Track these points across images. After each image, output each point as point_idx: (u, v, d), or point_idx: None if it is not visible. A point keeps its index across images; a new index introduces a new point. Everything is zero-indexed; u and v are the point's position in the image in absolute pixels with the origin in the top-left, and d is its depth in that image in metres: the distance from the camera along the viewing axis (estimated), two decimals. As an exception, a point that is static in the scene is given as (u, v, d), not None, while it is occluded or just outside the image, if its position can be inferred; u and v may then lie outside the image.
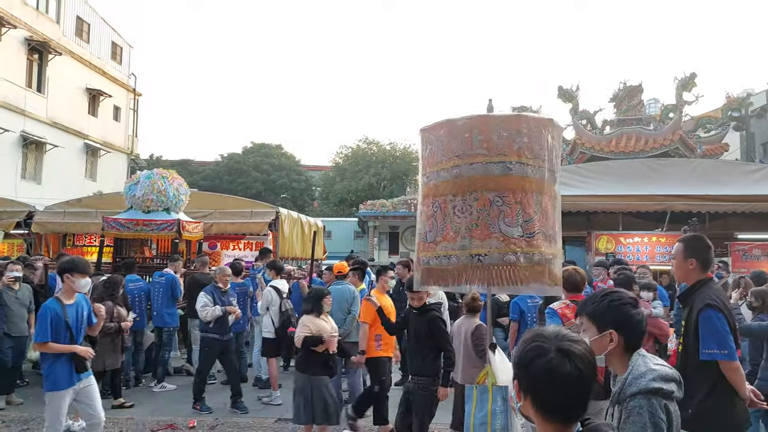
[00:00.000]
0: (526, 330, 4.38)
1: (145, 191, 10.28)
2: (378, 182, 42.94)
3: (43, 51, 24.62)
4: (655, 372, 2.28)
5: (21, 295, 8.25)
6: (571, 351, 1.68)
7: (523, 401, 1.72)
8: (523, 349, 1.73)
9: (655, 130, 18.78)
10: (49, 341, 4.96)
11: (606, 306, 2.43)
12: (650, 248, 12.05)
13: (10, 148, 22.75)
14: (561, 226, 3.48)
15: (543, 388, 1.67)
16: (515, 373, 1.74)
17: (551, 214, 3.37)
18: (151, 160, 44.76)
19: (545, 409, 1.68)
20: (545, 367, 1.66)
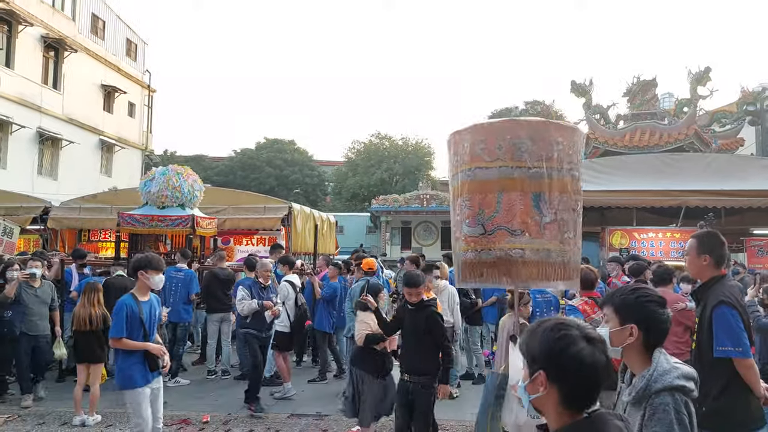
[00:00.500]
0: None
1: (160, 187, 10.35)
2: (390, 177, 42.92)
3: (58, 48, 24.84)
4: (678, 370, 2.28)
5: (41, 292, 7.97)
6: (596, 339, 1.72)
7: (544, 391, 1.71)
8: (551, 338, 1.71)
9: (670, 125, 18.62)
10: (124, 337, 4.93)
11: (633, 301, 2.41)
12: (664, 244, 11.97)
13: (27, 144, 23.00)
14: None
15: (574, 376, 1.67)
16: (541, 363, 1.72)
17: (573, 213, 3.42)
18: (165, 155, 44.99)
19: (572, 397, 1.69)
20: (578, 356, 1.67)
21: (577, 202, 3.48)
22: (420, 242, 33.67)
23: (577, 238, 3.47)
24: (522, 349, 1.81)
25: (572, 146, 3.44)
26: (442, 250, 28.61)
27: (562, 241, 3.35)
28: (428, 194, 32.82)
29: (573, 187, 3.41)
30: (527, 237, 3.31)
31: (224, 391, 8.52)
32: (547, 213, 3.32)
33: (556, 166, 3.35)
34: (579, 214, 3.47)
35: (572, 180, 3.42)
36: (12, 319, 7.74)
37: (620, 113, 20.20)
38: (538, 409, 1.76)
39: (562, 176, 3.36)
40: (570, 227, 3.41)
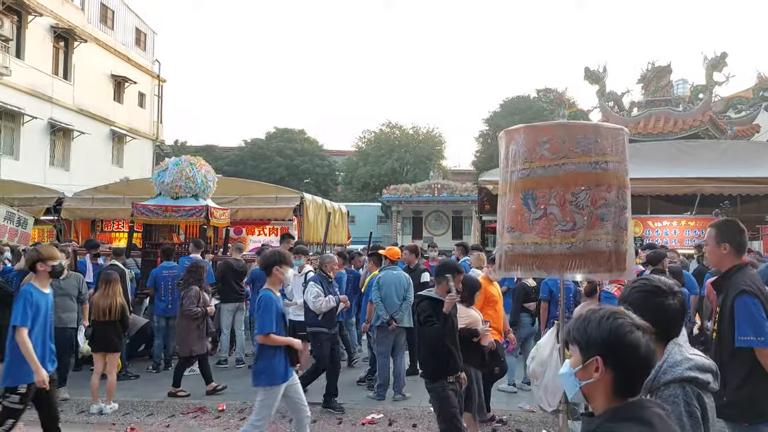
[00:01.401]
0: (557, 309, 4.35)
1: (173, 178, 10.39)
2: (401, 167, 42.83)
3: (68, 38, 24.90)
4: (691, 361, 2.24)
5: (66, 284, 7.65)
6: (646, 328, 1.80)
7: (598, 377, 1.77)
8: (609, 326, 1.78)
9: (685, 112, 18.41)
10: (273, 333, 4.93)
11: (634, 296, 2.38)
12: (679, 232, 11.88)
13: (39, 135, 23.13)
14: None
15: (630, 363, 1.76)
16: (598, 350, 1.78)
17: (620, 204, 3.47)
18: (176, 146, 45.13)
19: (624, 383, 1.77)
20: (635, 343, 1.75)
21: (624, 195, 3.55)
22: (431, 232, 33.64)
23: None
24: (574, 336, 1.85)
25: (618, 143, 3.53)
26: (453, 239, 28.58)
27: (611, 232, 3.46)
28: (439, 183, 32.74)
29: (624, 181, 3.51)
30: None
31: (239, 380, 8.55)
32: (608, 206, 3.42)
33: (611, 160, 3.39)
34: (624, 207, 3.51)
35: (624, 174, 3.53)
36: None
37: (634, 100, 19.99)
38: (587, 395, 1.83)
39: (617, 170, 3.40)
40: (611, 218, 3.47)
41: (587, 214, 3.29)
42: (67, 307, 7.65)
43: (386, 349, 7.73)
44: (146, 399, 7.52)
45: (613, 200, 3.32)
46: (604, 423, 1.74)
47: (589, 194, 3.30)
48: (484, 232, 16.69)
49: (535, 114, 39.58)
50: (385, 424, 6.63)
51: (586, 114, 20.07)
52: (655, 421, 1.71)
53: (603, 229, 3.29)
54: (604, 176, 3.32)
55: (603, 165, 3.32)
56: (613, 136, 3.44)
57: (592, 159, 3.33)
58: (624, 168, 3.41)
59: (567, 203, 3.32)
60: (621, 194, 3.34)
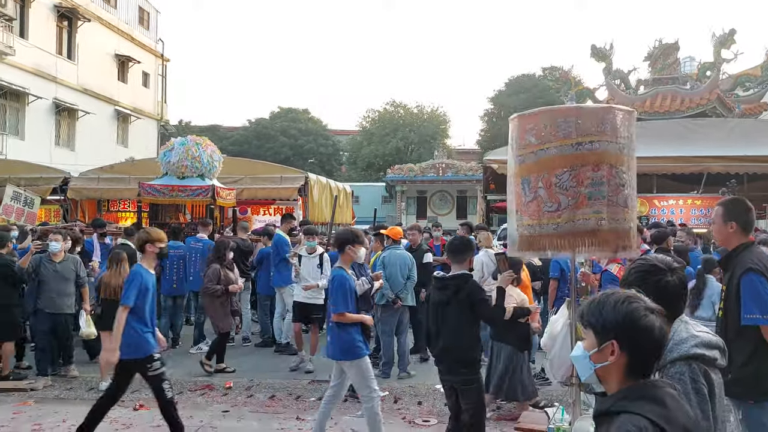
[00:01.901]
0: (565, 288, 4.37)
1: (179, 157, 10.41)
2: (405, 146, 42.72)
3: (72, 17, 24.77)
4: (697, 338, 2.25)
5: (62, 267, 7.40)
6: (658, 310, 1.83)
7: (613, 359, 1.80)
8: (624, 309, 1.80)
9: (692, 90, 18.27)
10: (348, 311, 5.02)
11: (633, 276, 2.40)
12: (685, 211, 11.84)
13: (44, 115, 23.12)
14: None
15: (645, 345, 1.79)
16: (614, 333, 1.80)
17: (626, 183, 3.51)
18: (181, 125, 45.06)
19: (638, 365, 1.80)
20: (651, 326, 1.79)
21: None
22: (435, 211, 33.65)
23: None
24: (588, 320, 1.87)
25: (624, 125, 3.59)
26: (458, 219, 28.59)
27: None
28: (444, 163, 32.69)
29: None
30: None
31: (246, 358, 8.64)
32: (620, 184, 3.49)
33: (597, 139, 3.44)
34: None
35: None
36: (26, 294, 7.46)
37: (641, 78, 19.85)
38: (601, 377, 1.85)
39: (606, 149, 3.45)
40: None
41: (572, 194, 3.35)
42: (63, 292, 7.37)
43: (391, 328, 7.79)
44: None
45: (604, 179, 3.34)
46: (618, 402, 1.77)
47: (573, 175, 3.35)
48: (488, 212, 16.68)
49: (540, 92, 39.30)
50: (391, 402, 6.69)
51: (593, 92, 19.94)
52: (667, 401, 1.73)
53: (592, 208, 3.33)
54: (588, 156, 3.37)
55: (587, 145, 3.36)
56: (599, 116, 3.47)
57: (574, 140, 3.38)
58: (620, 146, 3.41)
59: (553, 186, 3.39)
60: (616, 172, 3.35)
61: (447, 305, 4.57)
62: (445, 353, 4.61)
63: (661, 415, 1.68)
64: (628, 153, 3.44)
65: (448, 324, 4.58)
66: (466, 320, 4.54)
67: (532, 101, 38.30)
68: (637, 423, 1.67)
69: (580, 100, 19.37)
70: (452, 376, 4.60)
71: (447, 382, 4.70)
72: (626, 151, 3.43)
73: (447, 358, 4.61)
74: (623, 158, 3.41)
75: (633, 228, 3.47)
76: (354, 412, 6.35)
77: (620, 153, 3.40)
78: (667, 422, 1.67)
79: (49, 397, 6.74)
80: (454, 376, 4.59)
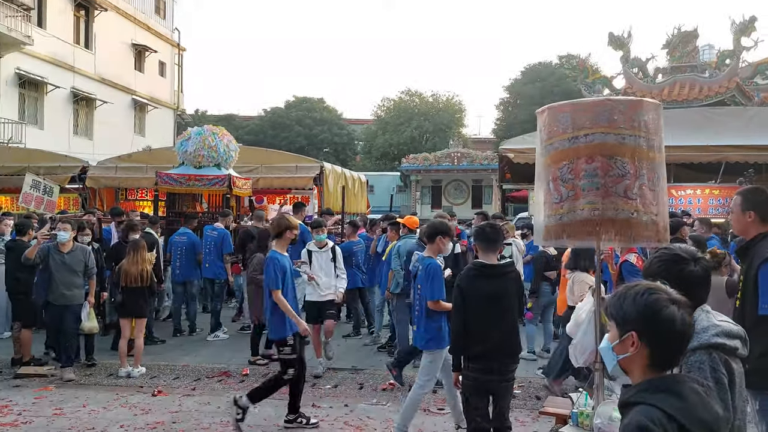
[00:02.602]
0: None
1: (196, 147, 10.49)
2: (420, 135, 42.58)
3: (89, 7, 24.90)
4: (718, 327, 2.26)
5: (70, 258, 7.07)
6: (683, 303, 1.82)
7: (634, 351, 1.80)
8: (645, 301, 1.80)
9: (711, 78, 18.03)
10: (443, 300, 5.05)
11: (656, 266, 2.42)
12: (703, 201, 11.72)
13: (62, 105, 23.33)
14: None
15: (665, 337, 1.78)
16: (633, 325, 1.80)
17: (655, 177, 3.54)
18: (197, 115, 45.26)
19: (660, 357, 1.79)
20: (670, 318, 1.78)
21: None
22: (450, 201, 33.57)
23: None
24: (611, 312, 1.89)
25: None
26: (473, 208, 28.51)
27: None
28: (459, 152, 32.55)
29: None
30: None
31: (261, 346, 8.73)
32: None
33: (594, 132, 3.52)
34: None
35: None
36: (38, 286, 7.27)
37: (659, 66, 19.62)
38: (624, 368, 1.86)
39: (604, 140, 3.50)
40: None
41: (571, 186, 3.45)
42: (72, 283, 7.08)
43: (405, 317, 7.80)
44: (172, 363, 7.72)
45: (599, 170, 3.39)
46: (638, 393, 1.77)
47: (571, 168, 3.46)
48: (504, 201, 16.63)
49: (557, 81, 38.98)
50: (406, 390, 6.73)
51: (610, 80, 19.75)
52: (688, 396, 1.72)
53: (586, 199, 3.40)
54: (582, 149, 3.45)
55: (582, 139, 3.45)
56: (595, 109, 3.52)
57: (569, 135, 3.49)
58: (621, 136, 3.44)
59: (557, 179, 3.52)
60: (616, 163, 3.38)
61: (499, 297, 4.26)
62: (498, 351, 4.23)
63: (679, 408, 1.68)
64: (636, 143, 3.43)
65: (502, 317, 4.26)
66: (518, 312, 4.38)
67: (548, 90, 38.03)
68: (651, 414, 1.67)
69: (597, 89, 19.21)
70: (499, 375, 4.25)
71: (489, 383, 4.26)
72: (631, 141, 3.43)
73: (499, 355, 4.24)
74: (627, 148, 3.41)
75: (640, 218, 3.46)
76: (370, 399, 6.41)
77: (622, 143, 3.41)
78: (684, 416, 1.67)
79: (69, 383, 6.87)
80: (501, 375, 4.26)
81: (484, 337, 4.20)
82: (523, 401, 6.32)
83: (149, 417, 5.80)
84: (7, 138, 19.62)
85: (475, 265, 4.43)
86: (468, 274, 4.39)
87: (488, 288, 4.25)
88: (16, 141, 19.69)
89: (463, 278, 4.37)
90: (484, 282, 4.28)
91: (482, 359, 4.22)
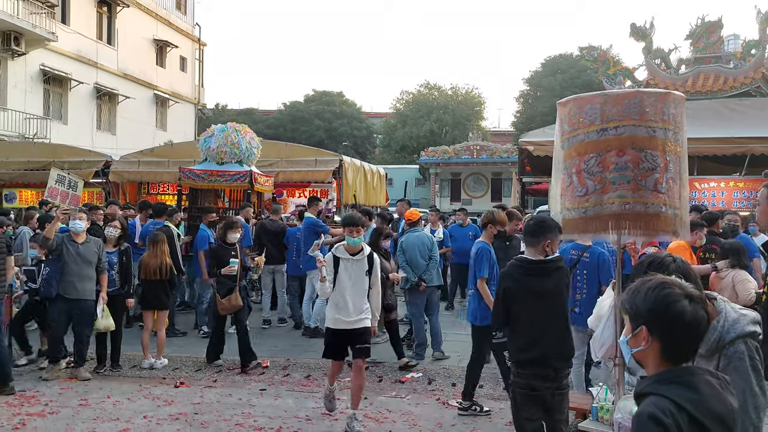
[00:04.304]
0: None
1: (219, 143, 10.62)
2: (440, 128, 42.46)
3: (111, 3, 25.18)
4: (746, 317, 2.29)
5: (84, 249, 6.70)
6: (696, 296, 1.82)
7: (646, 345, 1.82)
8: (655, 296, 1.81)
9: (735, 69, 17.70)
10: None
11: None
12: (727, 194, 11.55)
13: (86, 100, 23.66)
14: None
15: (676, 332, 1.79)
16: (644, 319, 1.82)
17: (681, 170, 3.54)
18: (217, 109, 45.58)
19: (672, 351, 1.80)
20: (680, 313, 1.78)
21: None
22: (469, 194, 33.46)
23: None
24: (625, 306, 1.91)
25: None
26: (493, 201, 28.38)
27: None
28: (478, 145, 32.38)
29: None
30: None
31: (281, 339, 8.82)
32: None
33: (623, 124, 3.48)
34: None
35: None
36: (49, 277, 6.63)
37: (682, 57, 19.30)
38: (639, 361, 1.88)
39: (634, 133, 3.46)
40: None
41: (599, 179, 3.41)
42: (86, 275, 6.71)
43: (419, 310, 7.84)
44: (194, 355, 7.82)
45: (630, 163, 3.36)
46: (651, 384, 1.79)
47: (599, 160, 3.42)
48: (524, 194, 16.53)
49: (577, 73, 38.58)
50: (425, 383, 6.76)
51: (632, 72, 19.48)
52: (702, 387, 1.73)
53: (616, 192, 3.37)
54: (613, 142, 3.41)
55: (611, 131, 3.41)
56: (625, 101, 3.48)
57: (598, 127, 3.44)
58: (652, 129, 3.41)
59: (582, 171, 3.47)
60: (646, 156, 3.34)
61: (552, 295, 3.94)
62: (553, 355, 3.90)
63: (690, 399, 1.69)
64: (666, 136, 3.40)
65: (556, 317, 3.95)
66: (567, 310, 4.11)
67: (568, 82, 37.67)
68: (660, 404, 1.69)
69: (618, 81, 18.97)
70: (553, 382, 3.89)
71: (543, 391, 3.88)
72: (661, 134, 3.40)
73: (554, 360, 3.90)
74: (659, 141, 3.38)
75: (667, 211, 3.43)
76: (389, 392, 6.44)
77: (653, 136, 3.38)
78: (695, 407, 1.68)
79: (93, 374, 6.98)
80: (555, 383, 3.91)
81: (537, 341, 3.85)
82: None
83: (172, 408, 5.90)
84: (33, 133, 19.96)
85: (521, 261, 4.04)
86: (513, 272, 4.00)
87: (537, 285, 3.92)
88: (42, 136, 20.04)
89: (508, 277, 4.01)
90: (532, 280, 3.94)
91: (535, 364, 3.86)
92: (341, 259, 5.34)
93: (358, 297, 5.35)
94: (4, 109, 19.57)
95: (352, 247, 5.36)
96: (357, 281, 5.34)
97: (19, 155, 14.62)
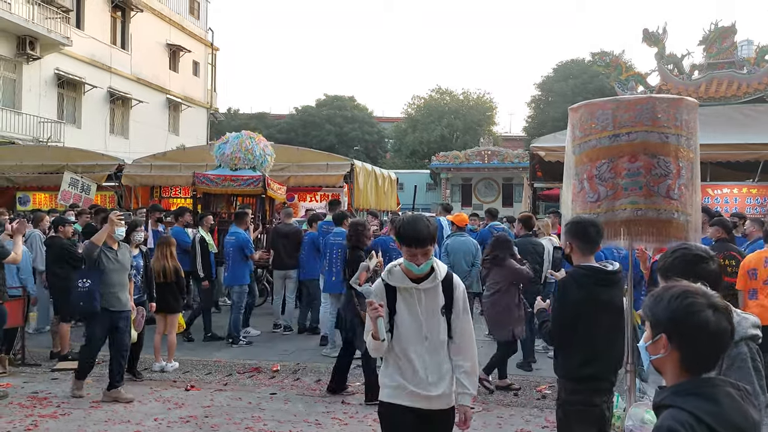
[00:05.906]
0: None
1: (233, 149, 10.71)
2: (450, 133, 42.43)
3: (125, 8, 25.42)
4: (748, 320, 2.36)
5: (122, 255, 6.22)
6: (721, 307, 1.75)
7: (665, 353, 1.78)
8: (677, 305, 1.76)
9: (749, 74, 17.54)
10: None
11: (677, 264, 2.52)
12: (740, 200, 11.47)
13: (99, 104, 23.87)
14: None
15: (696, 342, 1.73)
16: (664, 327, 1.78)
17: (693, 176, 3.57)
18: (229, 113, 45.76)
19: (692, 361, 1.75)
20: (702, 323, 1.72)
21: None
22: (481, 199, 33.37)
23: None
24: (645, 312, 1.87)
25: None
26: (504, 206, 28.31)
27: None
28: (489, 150, 32.33)
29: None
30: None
31: (292, 343, 8.83)
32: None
33: (635, 130, 3.46)
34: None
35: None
36: (91, 289, 5.95)
37: (695, 63, 19.16)
38: (657, 368, 1.85)
39: (646, 139, 3.45)
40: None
41: (611, 185, 3.39)
42: (126, 284, 6.29)
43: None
44: (204, 358, 7.84)
45: (642, 169, 3.34)
46: (669, 396, 1.75)
47: (611, 166, 3.39)
48: (535, 200, 16.49)
49: (589, 78, 38.41)
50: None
51: (644, 78, 19.38)
52: (722, 400, 1.68)
53: (628, 198, 3.36)
54: (625, 148, 3.39)
55: (623, 137, 3.39)
56: (637, 107, 3.46)
57: (610, 132, 3.42)
58: (665, 135, 3.39)
59: (594, 177, 3.46)
60: (659, 162, 3.31)
61: (619, 307, 3.57)
62: (616, 369, 3.63)
63: (710, 412, 1.65)
64: (678, 142, 3.39)
65: (621, 330, 3.61)
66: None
67: (580, 87, 37.53)
68: (680, 417, 1.65)
69: (631, 86, 18.88)
70: (604, 396, 3.53)
71: (602, 404, 3.52)
72: (674, 140, 3.38)
73: (614, 373, 3.62)
74: (671, 147, 3.36)
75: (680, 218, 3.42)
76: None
77: (665, 142, 3.36)
78: (715, 420, 1.63)
79: (105, 376, 7.00)
80: (606, 396, 3.56)
81: (600, 355, 3.44)
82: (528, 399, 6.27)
83: (182, 411, 5.92)
84: (47, 137, 20.16)
85: (588, 270, 3.47)
86: (581, 281, 3.45)
87: (606, 297, 3.45)
88: (56, 140, 20.23)
89: (573, 287, 3.44)
90: (602, 290, 3.44)
91: (595, 379, 3.46)
92: (399, 289, 3.22)
93: (432, 351, 3.18)
94: (18, 112, 19.78)
95: (415, 273, 3.15)
96: (428, 323, 3.18)
97: (33, 159, 14.76)
